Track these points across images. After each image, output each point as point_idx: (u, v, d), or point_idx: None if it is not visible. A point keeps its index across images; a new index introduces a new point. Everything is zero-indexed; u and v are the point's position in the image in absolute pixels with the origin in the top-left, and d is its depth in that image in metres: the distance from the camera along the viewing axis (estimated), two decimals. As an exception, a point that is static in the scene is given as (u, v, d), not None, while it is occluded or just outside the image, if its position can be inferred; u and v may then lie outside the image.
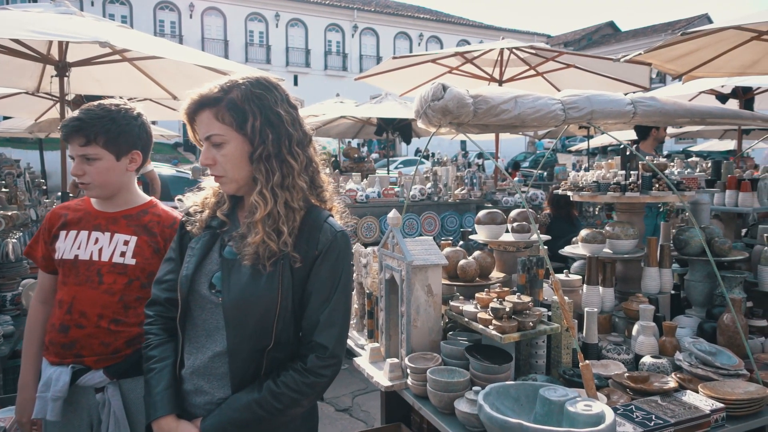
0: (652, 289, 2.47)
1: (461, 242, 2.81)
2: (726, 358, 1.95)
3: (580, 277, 2.50)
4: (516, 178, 10.84)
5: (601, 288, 2.45)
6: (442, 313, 2.15)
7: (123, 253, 1.80)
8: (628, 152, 2.69)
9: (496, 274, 2.50)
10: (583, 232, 2.60)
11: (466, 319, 2.03)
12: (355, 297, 2.64)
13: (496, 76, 7.12)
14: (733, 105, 6.36)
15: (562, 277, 2.48)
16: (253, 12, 29.85)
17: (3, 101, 6.85)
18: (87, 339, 1.75)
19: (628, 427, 1.57)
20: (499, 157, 7.82)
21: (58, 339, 1.76)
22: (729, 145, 12.20)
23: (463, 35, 34.37)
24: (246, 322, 1.34)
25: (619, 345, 2.16)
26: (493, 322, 1.88)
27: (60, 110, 4.49)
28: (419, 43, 33.75)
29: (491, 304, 1.93)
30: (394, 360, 2.01)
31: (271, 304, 1.34)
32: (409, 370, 1.91)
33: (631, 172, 2.62)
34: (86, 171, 1.77)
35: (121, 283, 1.78)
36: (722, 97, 6.59)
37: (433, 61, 7.15)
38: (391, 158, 17.29)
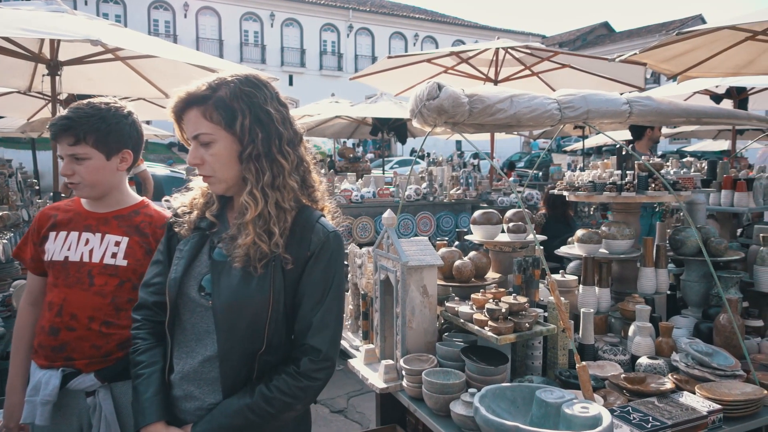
0: (648, 290, 2.46)
1: (457, 242, 2.80)
2: (722, 359, 1.94)
3: (576, 278, 2.49)
4: (511, 179, 10.84)
5: (597, 288, 2.44)
6: (438, 314, 2.14)
7: (114, 255, 1.78)
8: (624, 152, 2.68)
9: (492, 275, 2.48)
10: (579, 233, 2.59)
11: (462, 320, 2.01)
12: (350, 298, 2.62)
13: (492, 76, 7.11)
14: (728, 105, 6.38)
15: (558, 278, 2.47)
16: (248, 12, 29.76)
17: (-5, 100, 6.78)
18: (78, 342, 1.72)
19: (625, 429, 1.56)
20: (494, 157, 7.82)
21: (47, 342, 1.73)
22: (723, 145, 12.24)
23: (459, 35, 34.38)
24: (237, 326, 1.31)
25: (616, 346, 2.15)
26: (489, 323, 1.86)
27: (52, 110, 4.44)
28: (414, 43, 33.75)
29: (487, 305, 1.92)
30: (389, 362, 1.99)
31: (263, 307, 1.31)
32: (404, 372, 1.90)
33: (627, 172, 2.61)
34: (76, 171, 1.74)
35: (112, 285, 1.75)
36: (716, 98, 6.61)
37: (429, 61, 7.14)
38: (386, 158, 17.27)
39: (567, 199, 2.80)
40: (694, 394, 1.78)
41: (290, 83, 29.47)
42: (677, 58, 4.73)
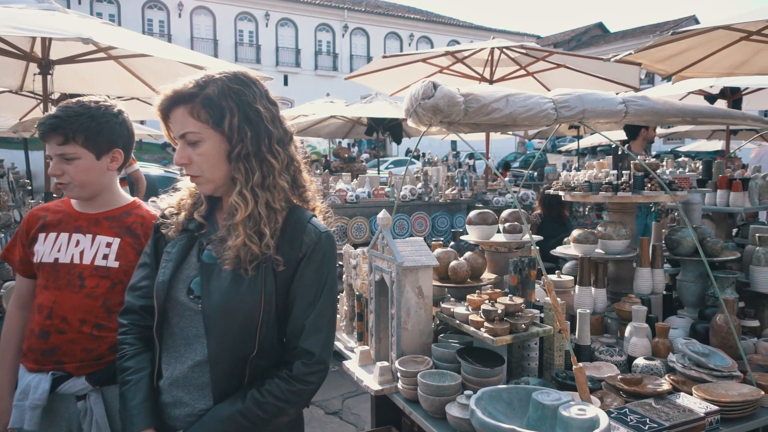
0: (644, 290, 2.45)
1: (452, 243, 2.78)
2: (719, 360, 1.93)
3: (572, 278, 2.48)
4: (506, 179, 10.86)
5: (594, 289, 2.43)
6: (433, 315, 2.12)
7: (106, 256, 1.75)
8: (620, 152, 2.68)
9: (488, 275, 2.47)
10: (575, 233, 2.58)
11: (458, 322, 2.00)
12: (345, 299, 2.60)
13: (487, 75, 7.11)
14: (722, 105, 6.40)
15: (554, 278, 2.46)
16: (243, 11, 29.68)
17: (-13, 100, 6.72)
18: (68, 345, 1.69)
19: (623, 431, 1.55)
20: (489, 157, 7.82)
21: (37, 345, 1.70)
22: (717, 145, 12.30)
23: (454, 35, 34.40)
24: (227, 330, 1.29)
25: (612, 346, 2.14)
26: (485, 324, 1.85)
27: (43, 109, 4.41)
28: (410, 44, 33.75)
29: (483, 306, 1.90)
30: (384, 363, 1.97)
31: (254, 310, 1.29)
32: (399, 374, 1.88)
33: (623, 172, 2.60)
34: (65, 171, 1.71)
35: (104, 287, 1.73)
36: (711, 98, 6.63)
37: (424, 61, 7.12)
38: (381, 158, 17.26)
39: (563, 199, 2.79)
40: (692, 395, 1.76)
41: (285, 83, 29.42)
42: (672, 58, 4.74)
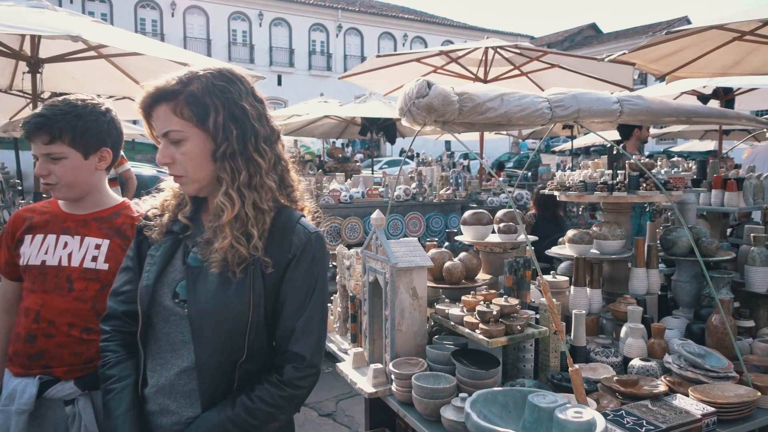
0: (639, 290, 2.44)
1: (447, 243, 2.76)
2: (715, 360, 1.92)
3: (567, 279, 2.46)
4: (501, 179, 10.86)
5: (589, 289, 2.42)
6: (428, 317, 2.10)
7: (95, 258, 1.71)
8: (615, 151, 2.66)
9: (483, 276, 2.45)
10: (570, 233, 2.56)
11: (453, 323, 1.98)
12: (338, 300, 2.57)
13: (481, 75, 7.10)
14: (714, 106, 6.42)
15: (549, 279, 2.44)
16: (236, 11, 29.57)
17: (-25, 99, 6.63)
18: (57, 349, 1.66)
19: (619, 434, 1.53)
20: (483, 157, 7.81)
21: (24, 349, 1.66)
22: (709, 145, 12.38)
23: (448, 36, 34.42)
24: (215, 334, 1.25)
25: (608, 347, 2.13)
26: (480, 326, 1.83)
27: (33, 109, 4.34)
28: (404, 44, 33.74)
29: (478, 307, 1.88)
30: (378, 365, 1.95)
31: (243, 314, 1.25)
32: (393, 376, 1.85)
33: (618, 172, 2.59)
34: (52, 171, 1.67)
35: (93, 290, 1.69)
36: (703, 98, 6.64)
37: (418, 60, 7.10)
38: (375, 158, 17.24)
39: (558, 198, 2.78)
40: (688, 396, 1.75)
41: (279, 83, 29.34)
42: (666, 59, 4.75)
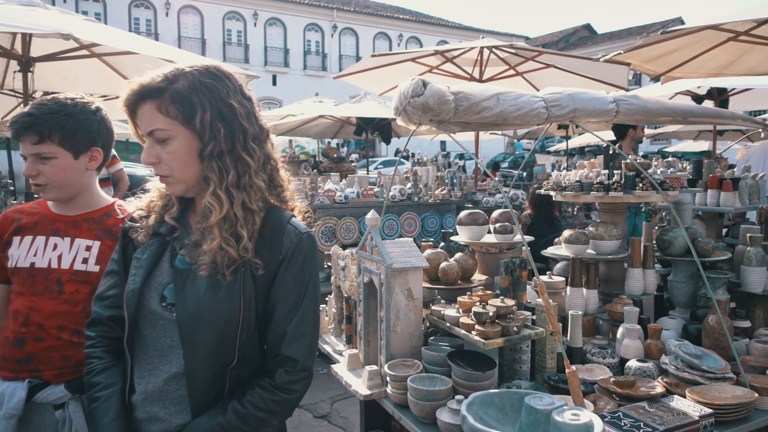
0: (635, 291, 2.43)
1: (442, 243, 2.74)
2: (712, 361, 1.91)
3: (564, 279, 2.45)
4: (496, 179, 10.88)
5: (585, 290, 2.40)
6: (423, 318, 2.08)
7: (85, 260, 1.68)
8: (612, 151, 2.65)
9: (479, 277, 2.43)
10: (567, 233, 2.55)
11: (448, 324, 1.96)
12: (333, 301, 2.55)
13: (476, 75, 7.09)
14: (709, 106, 6.43)
15: (546, 279, 2.43)
16: (231, 11, 29.48)
17: (-34, 99, 6.57)
18: (46, 352, 1.62)
19: (617, 436, 1.52)
20: (478, 157, 7.80)
21: (12, 354, 1.63)
22: (703, 146, 12.42)
23: (443, 36, 34.45)
24: (205, 339, 1.22)
25: (604, 348, 2.11)
26: (476, 327, 1.81)
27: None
28: (399, 44, 33.75)
29: (474, 308, 1.86)
30: (373, 367, 1.93)
31: (233, 317, 1.22)
32: (388, 378, 1.83)
33: (615, 172, 2.58)
34: (41, 171, 1.64)
35: (83, 292, 1.66)
36: (698, 98, 6.67)
37: (413, 60, 7.09)
38: (370, 158, 17.21)
39: (554, 198, 2.76)
40: (685, 397, 1.74)
41: (274, 83, 29.29)
42: (660, 59, 4.76)
